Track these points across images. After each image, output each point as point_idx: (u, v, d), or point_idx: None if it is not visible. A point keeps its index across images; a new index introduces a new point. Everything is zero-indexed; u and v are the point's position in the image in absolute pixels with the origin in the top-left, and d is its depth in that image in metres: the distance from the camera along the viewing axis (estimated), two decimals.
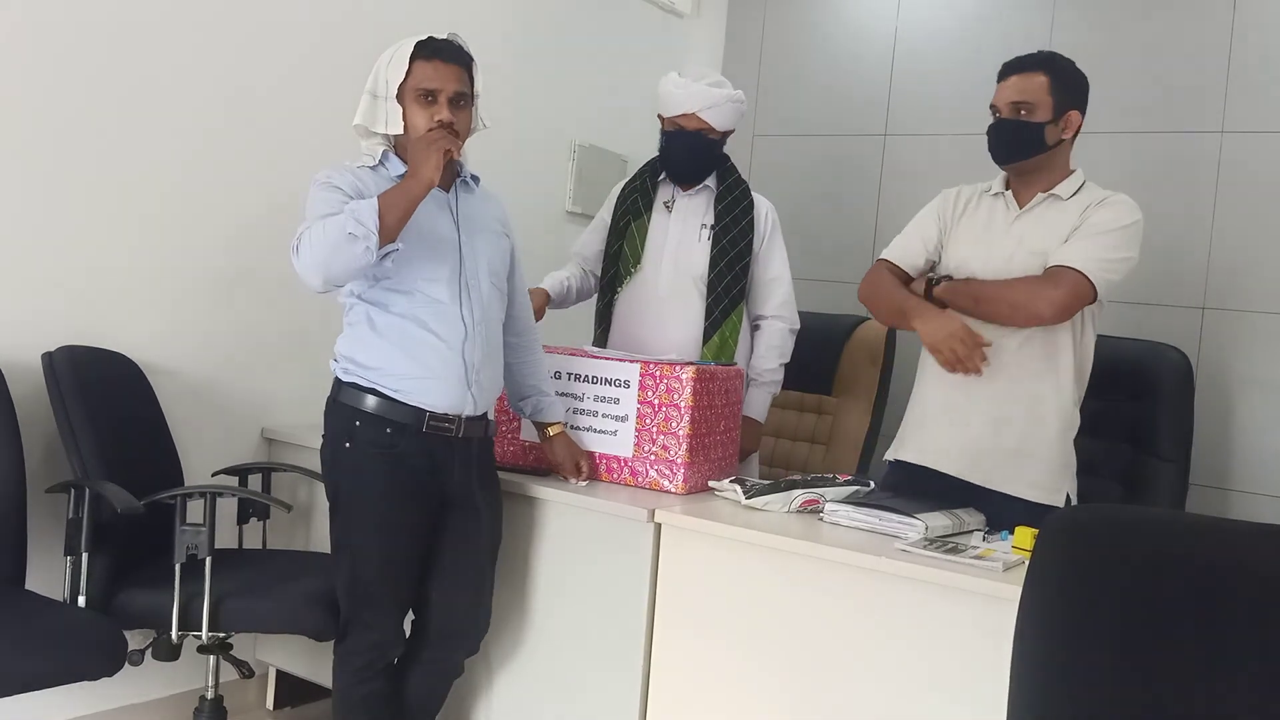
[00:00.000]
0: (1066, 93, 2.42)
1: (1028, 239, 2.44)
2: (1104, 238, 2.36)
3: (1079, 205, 2.42)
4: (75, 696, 2.60)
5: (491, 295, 2.35)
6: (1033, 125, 2.41)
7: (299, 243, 2.10)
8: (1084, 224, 2.38)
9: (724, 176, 2.99)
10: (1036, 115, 2.40)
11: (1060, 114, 2.41)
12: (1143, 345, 3.09)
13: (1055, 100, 2.40)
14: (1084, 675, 1.36)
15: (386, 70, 2.24)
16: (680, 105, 2.86)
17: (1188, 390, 3.01)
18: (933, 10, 3.93)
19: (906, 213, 4.05)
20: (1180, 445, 2.97)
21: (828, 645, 2.16)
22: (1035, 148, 2.42)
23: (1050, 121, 2.41)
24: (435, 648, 2.42)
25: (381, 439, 2.24)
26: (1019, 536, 2.13)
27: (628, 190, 3.04)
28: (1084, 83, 2.47)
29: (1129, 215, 2.40)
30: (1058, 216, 2.43)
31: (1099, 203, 2.40)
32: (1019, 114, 2.41)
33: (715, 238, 2.94)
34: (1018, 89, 2.42)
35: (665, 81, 2.91)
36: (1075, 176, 2.47)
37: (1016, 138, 2.43)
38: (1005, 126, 2.44)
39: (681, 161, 2.95)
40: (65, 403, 2.43)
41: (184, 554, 2.35)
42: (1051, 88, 2.40)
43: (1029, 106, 2.40)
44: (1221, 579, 1.32)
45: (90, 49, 2.65)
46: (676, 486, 2.51)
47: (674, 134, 2.91)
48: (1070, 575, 1.40)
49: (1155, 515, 1.54)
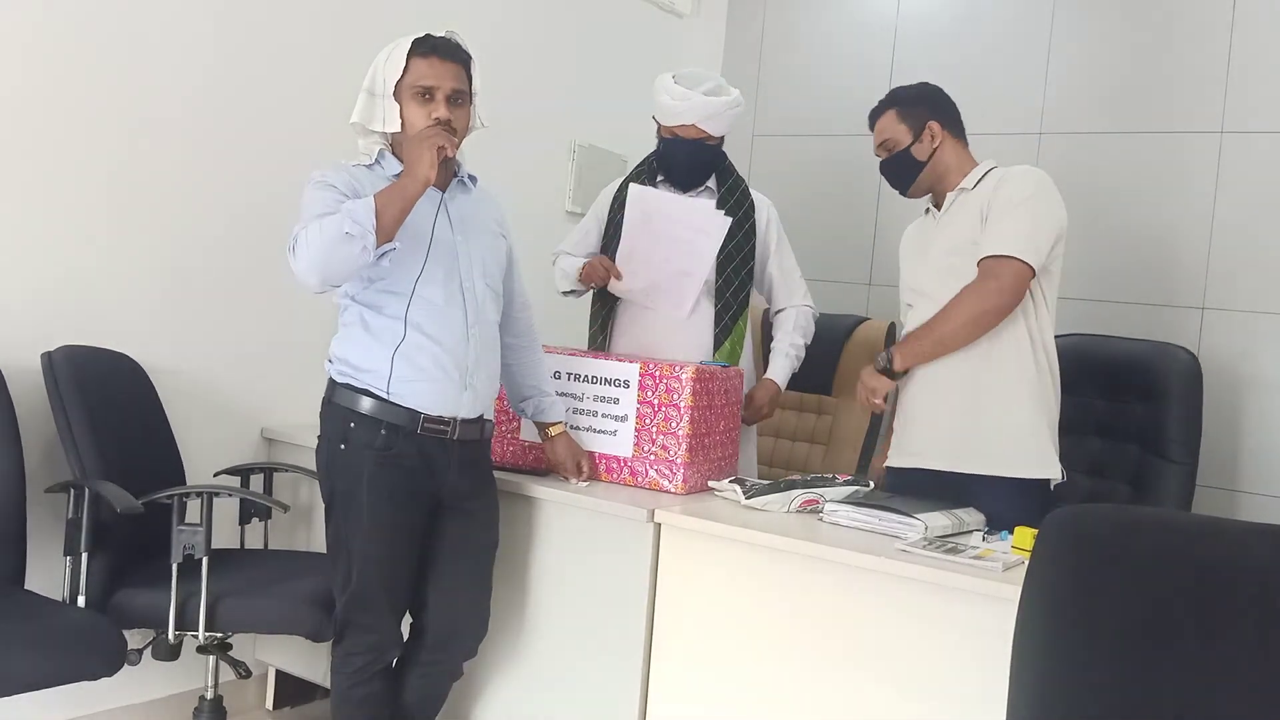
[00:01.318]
0: (914, 112, 2.62)
1: (943, 238, 2.59)
2: (1015, 212, 2.46)
3: (984, 190, 2.54)
4: (75, 696, 2.60)
5: (486, 296, 2.34)
6: (900, 154, 2.62)
7: (295, 243, 2.09)
8: (993, 209, 2.48)
9: (724, 177, 2.99)
10: (901, 144, 2.62)
11: (918, 132, 2.61)
12: (1151, 346, 3.07)
13: (908, 124, 2.62)
14: (1084, 675, 1.36)
15: (384, 68, 2.24)
16: (679, 117, 2.86)
17: (1196, 392, 2.99)
18: (932, 10, 3.93)
19: (906, 213, 4.06)
20: (1189, 447, 2.95)
21: (828, 645, 2.16)
22: (912, 169, 2.63)
23: (913, 143, 2.61)
24: (432, 650, 2.41)
25: (376, 440, 2.24)
26: (1019, 536, 2.13)
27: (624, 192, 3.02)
28: (929, 93, 2.67)
29: (1031, 183, 2.50)
30: (967, 208, 2.56)
31: (999, 182, 2.52)
32: (889, 150, 2.64)
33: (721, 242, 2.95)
34: (877, 131, 2.67)
35: (661, 90, 2.89)
36: (978, 168, 2.60)
37: (895, 171, 2.66)
38: (884, 165, 2.68)
39: (682, 168, 2.95)
40: (64, 402, 2.43)
41: (181, 554, 2.35)
42: (900, 115, 2.63)
43: (890, 141, 2.64)
44: (1221, 579, 1.32)
45: (90, 49, 2.65)
46: (676, 486, 2.51)
47: (672, 142, 2.91)
48: (1070, 575, 1.40)
49: (1154, 515, 1.54)
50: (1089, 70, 3.59)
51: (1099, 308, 3.49)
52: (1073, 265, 3.65)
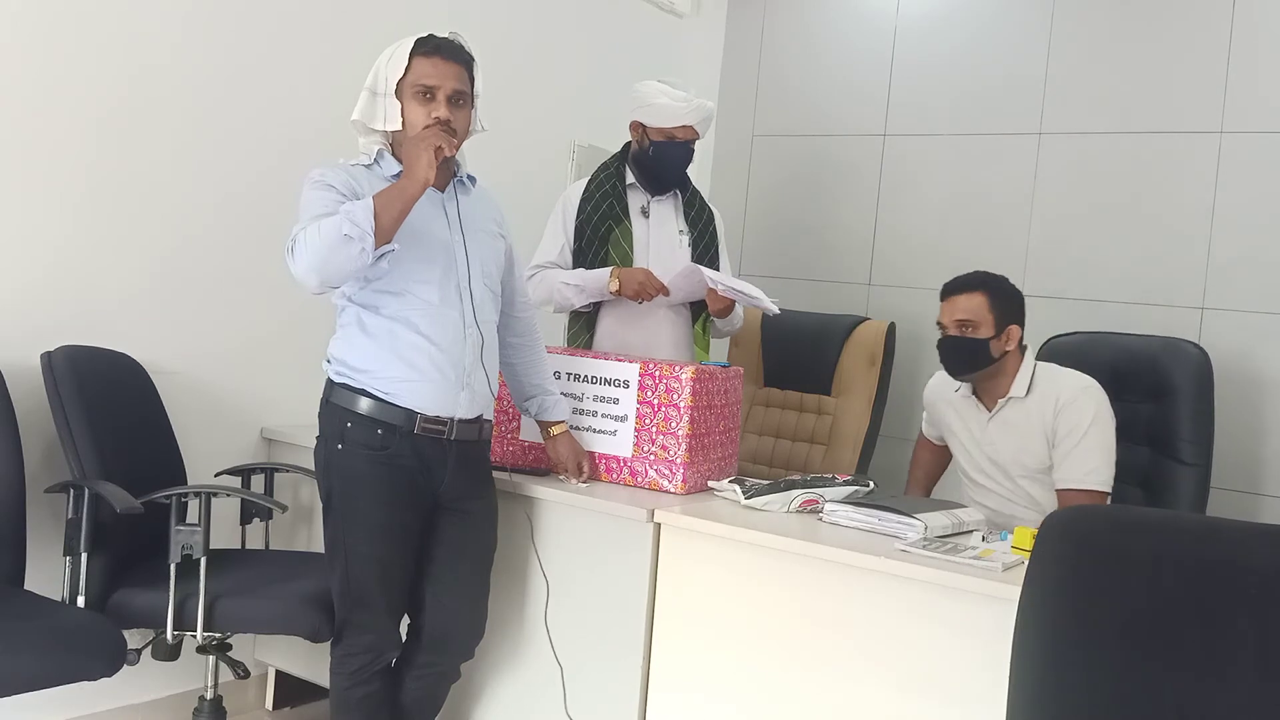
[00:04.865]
0: (1005, 309, 2.64)
1: (999, 447, 2.69)
2: (1084, 443, 2.57)
3: (1039, 404, 2.63)
4: (75, 696, 2.60)
5: (485, 297, 2.34)
6: (978, 341, 2.62)
7: (294, 244, 2.09)
8: (1059, 437, 2.60)
9: (686, 184, 3.08)
10: (981, 331, 2.62)
11: (1001, 329, 2.63)
12: (1158, 341, 3.01)
13: (995, 317, 2.62)
14: (1083, 675, 1.36)
15: (386, 66, 2.23)
16: (679, 118, 2.91)
17: (1207, 388, 2.92)
18: (932, 10, 3.93)
19: (906, 213, 4.07)
20: (1201, 448, 2.88)
21: (827, 645, 2.16)
22: (983, 361, 2.64)
23: (994, 337, 2.62)
24: (430, 652, 2.40)
25: (373, 440, 2.24)
26: (1018, 536, 2.13)
27: (596, 197, 3.00)
28: (1019, 298, 2.71)
29: (1090, 409, 2.59)
30: (1022, 420, 2.65)
31: (1058, 409, 2.60)
32: (964, 330, 2.63)
33: (693, 243, 3.04)
34: (961, 307, 2.64)
35: (658, 94, 2.92)
36: (1023, 372, 2.67)
37: (962, 355, 2.65)
38: (953, 343, 2.66)
39: (677, 170, 3.01)
40: (64, 403, 2.43)
41: (179, 554, 2.35)
42: (991, 305, 2.63)
43: (971, 325, 2.62)
44: (1221, 579, 1.32)
45: (90, 49, 2.65)
46: (676, 486, 2.51)
47: (667, 145, 2.95)
48: (1069, 575, 1.40)
49: (1154, 515, 1.53)
50: (1089, 70, 3.59)
51: (1099, 307, 3.50)
52: (1072, 265, 3.67)
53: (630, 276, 2.89)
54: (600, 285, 2.92)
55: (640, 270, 2.91)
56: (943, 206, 3.85)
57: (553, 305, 3.04)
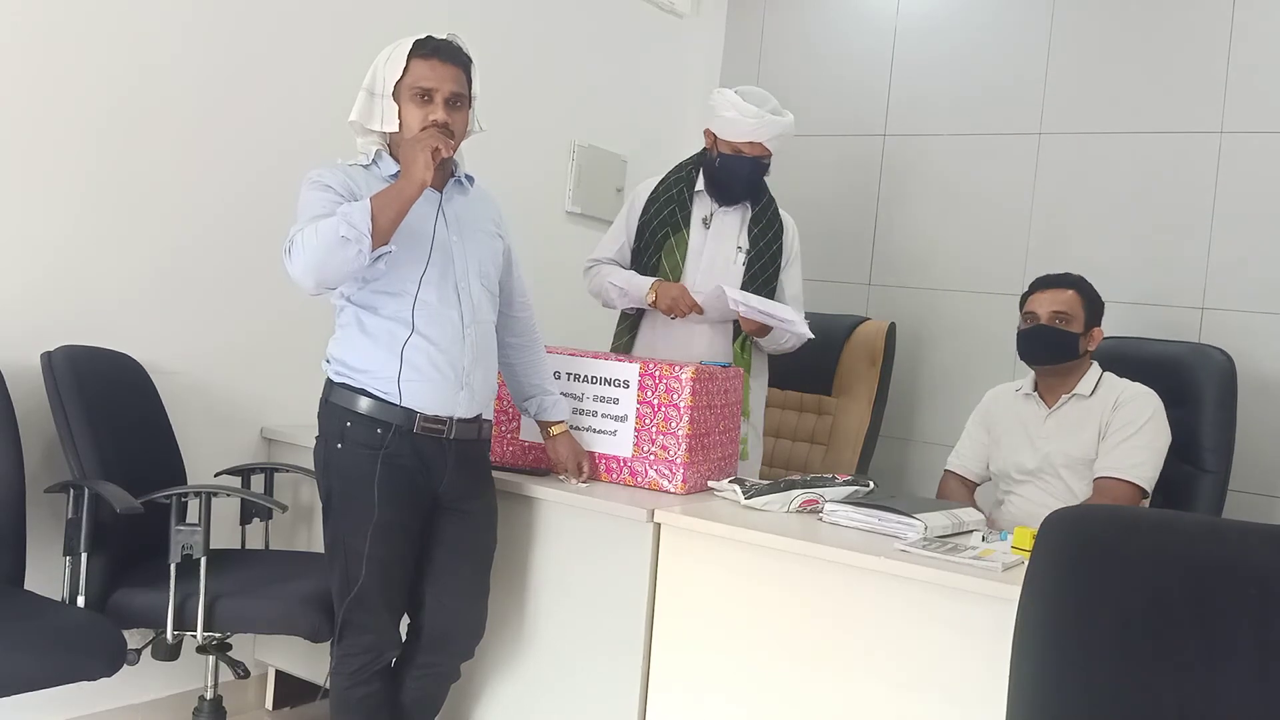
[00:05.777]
0: (1093, 311, 2.74)
1: (1051, 439, 2.73)
2: (1135, 438, 2.62)
3: (1101, 402, 2.69)
4: (75, 696, 2.60)
5: (482, 297, 2.34)
6: (1070, 334, 2.70)
7: (291, 245, 2.09)
8: (1111, 428, 2.64)
9: (759, 196, 3.01)
10: (1073, 325, 2.71)
11: (1089, 327, 2.73)
12: (1186, 348, 3.02)
13: (1086, 315, 2.72)
14: (1083, 675, 1.36)
15: (384, 68, 2.23)
16: (750, 134, 2.88)
17: (1231, 396, 2.90)
18: (932, 10, 3.93)
19: (906, 213, 4.06)
20: (1222, 454, 2.86)
21: (827, 645, 2.16)
22: (1070, 354, 2.71)
23: (1083, 333, 2.71)
24: (429, 652, 2.40)
25: (373, 440, 2.24)
26: (1018, 536, 2.13)
27: (661, 200, 3.00)
28: (1102, 304, 2.78)
29: (1149, 408, 2.66)
30: (1082, 416, 2.70)
31: (1118, 402, 2.67)
32: (1057, 322, 2.70)
33: (749, 263, 2.98)
34: (1057, 300, 2.72)
35: (729, 106, 2.88)
36: (1092, 371, 2.75)
37: (1056, 343, 2.71)
38: (1045, 332, 2.71)
39: (741, 184, 2.97)
40: (64, 402, 2.43)
41: (179, 554, 2.35)
42: (1083, 303, 2.72)
43: (1067, 317, 2.71)
44: (1221, 579, 1.32)
45: (91, 51, 2.65)
46: (676, 486, 2.51)
47: (734, 159, 2.92)
48: (1069, 575, 1.40)
49: (1154, 515, 1.54)
50: (1089, 70, 3.59)
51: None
52: (1072, 265, 3.65)
53: (666, 291, 2.88)
54: (640, 294, 2.94)
55: (676, 286, 2.90)
56: (943, 206, 3.85)
57: (601, 300, 3.06)
